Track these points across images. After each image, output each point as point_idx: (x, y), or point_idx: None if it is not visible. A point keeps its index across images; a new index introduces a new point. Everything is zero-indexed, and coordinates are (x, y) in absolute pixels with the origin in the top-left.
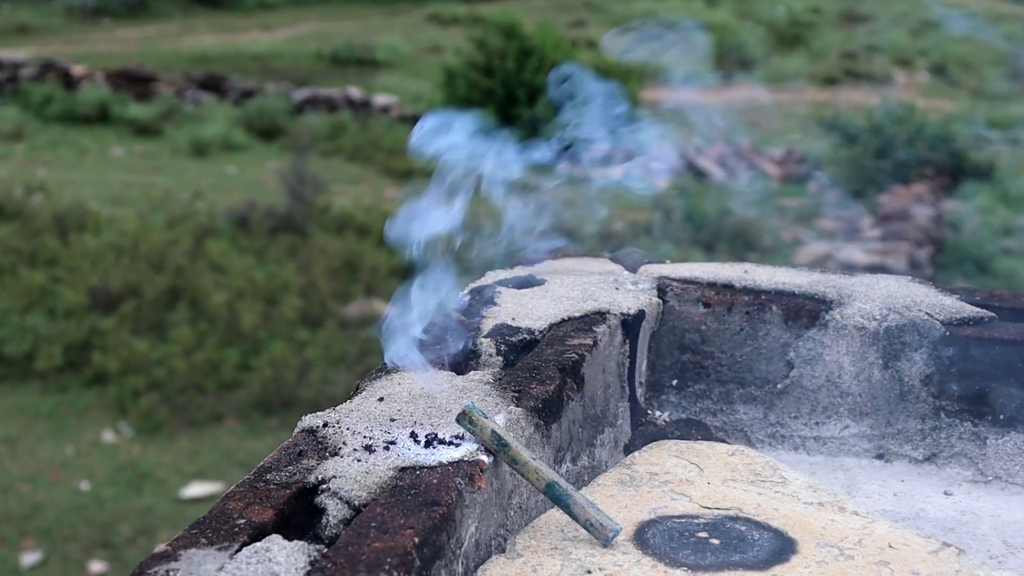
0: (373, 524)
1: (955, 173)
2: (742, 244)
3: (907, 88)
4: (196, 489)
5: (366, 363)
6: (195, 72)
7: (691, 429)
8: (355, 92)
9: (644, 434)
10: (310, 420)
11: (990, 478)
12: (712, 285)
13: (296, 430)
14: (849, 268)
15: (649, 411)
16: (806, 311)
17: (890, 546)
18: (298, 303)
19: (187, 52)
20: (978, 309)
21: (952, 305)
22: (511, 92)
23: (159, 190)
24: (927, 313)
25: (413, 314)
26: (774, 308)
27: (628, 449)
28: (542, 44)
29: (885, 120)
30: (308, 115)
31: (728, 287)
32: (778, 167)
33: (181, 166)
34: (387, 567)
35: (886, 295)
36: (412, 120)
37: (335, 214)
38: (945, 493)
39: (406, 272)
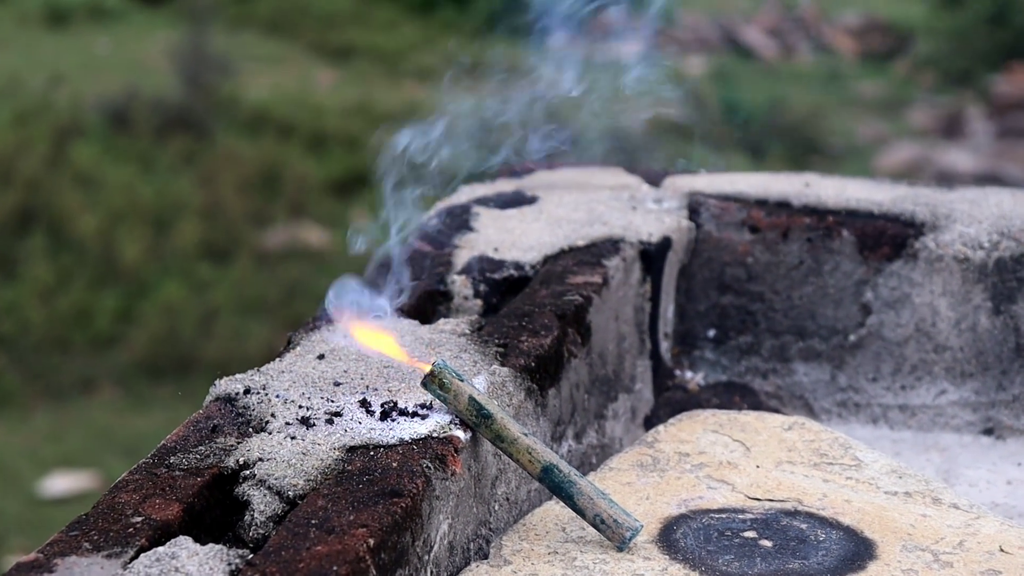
0: (313, 521)
1: None
2: (802, 146)
3: None
4: (60, 483)
5: (292, 310)
6: None
7: (733, 395)
8: None
9: (671, 402)
10: (227, 385)
11: None
12: (762, 203)
13: (208, 399)
14: (949, 179)
15: (677, 371)
16: (888, 238)
17: (1002, 550)
18: (198, 229)
19: None
20: None
21: None
22: None
23: (2, 73)
24: None
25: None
26: (845, 234)
27: (650, 422)
28: None
29: None
30: None
31: (783, 205)
32: (854, 40)
33: (32, 39)
34: None
35: (997, 215)
36: None
37: (247, 107)
38: None
39: (343, 187)
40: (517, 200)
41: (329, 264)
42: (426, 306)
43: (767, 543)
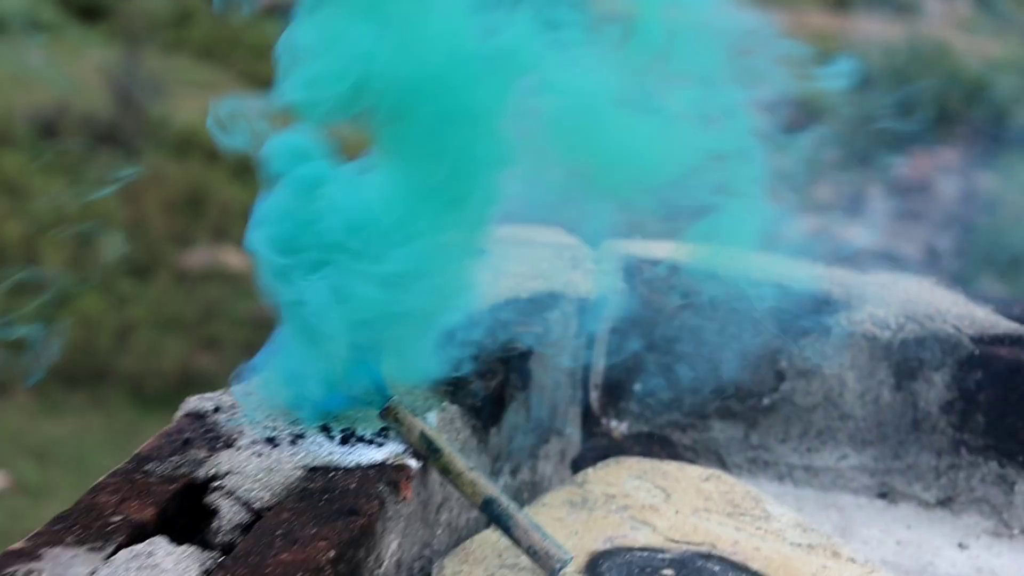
0: (279, 532)
1: (996, 137)
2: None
3: (942, 20)
4: None
5: (208, 329)
6: None
7: (653, 445)
8: None
9: (596, 447)
10: (197, 403)
11: (1016, 532)
12: (692, 271)
13: (179, 413)
14: (847, 249)
15: (604, 420)
16: (805, 312)
17: None
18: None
19: None
20: (1016, 324)
21: (985, 318)
22: None
23: None
24: (953, 326)
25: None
26: (767, 306)
27: (577, 464)
28: None
29: (909, 61)
30: None
31: (711, 275)
32: (767, 113)
33: None
34: None
35: (904, 300)
36: (285, 11)
37: (176, 129)
38: (960, 546)
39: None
40: None
41: (248, 287)
42: None
43: None
